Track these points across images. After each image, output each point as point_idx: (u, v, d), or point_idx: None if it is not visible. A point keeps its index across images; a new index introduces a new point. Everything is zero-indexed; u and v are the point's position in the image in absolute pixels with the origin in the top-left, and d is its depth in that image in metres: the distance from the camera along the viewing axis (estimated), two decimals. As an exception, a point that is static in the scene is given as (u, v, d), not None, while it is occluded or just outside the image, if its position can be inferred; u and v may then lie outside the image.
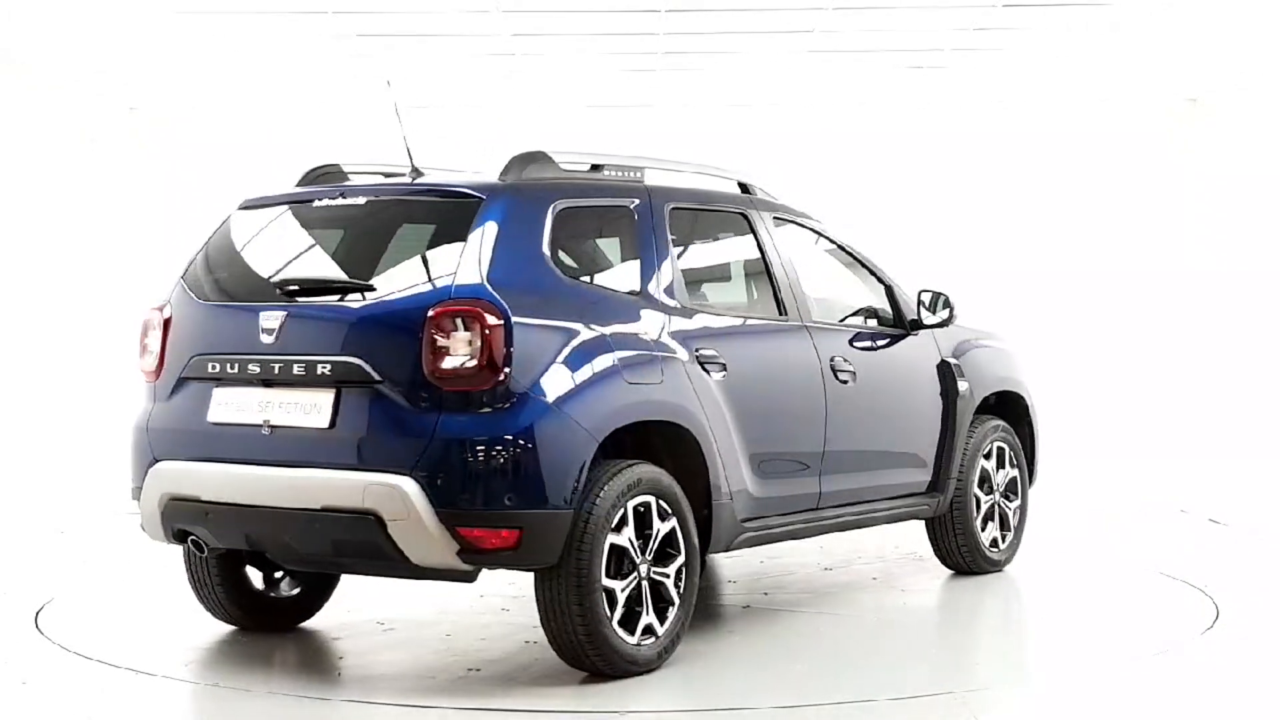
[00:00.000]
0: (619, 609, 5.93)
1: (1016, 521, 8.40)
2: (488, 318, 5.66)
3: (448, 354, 5.65)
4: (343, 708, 5.81)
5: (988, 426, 8.16)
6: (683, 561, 6.18)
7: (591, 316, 6.07)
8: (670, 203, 6.72)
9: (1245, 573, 8.55)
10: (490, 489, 5.62)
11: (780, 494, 6.84)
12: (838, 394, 7.12)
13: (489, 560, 5.74)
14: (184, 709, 6.04)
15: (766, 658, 6.58)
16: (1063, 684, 6.19)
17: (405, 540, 5.66)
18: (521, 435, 5.65)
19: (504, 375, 5.65)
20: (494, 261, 5.83)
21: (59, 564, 8.94)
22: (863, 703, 5.81)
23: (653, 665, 6.08)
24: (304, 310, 6.01)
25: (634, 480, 5.98)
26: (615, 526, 5.91)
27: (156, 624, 7.22)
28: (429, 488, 5.60)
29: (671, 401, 6.22)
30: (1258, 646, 6.83)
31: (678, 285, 6.54)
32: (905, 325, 7.72)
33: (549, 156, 6.34)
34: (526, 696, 5.84)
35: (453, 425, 5.64)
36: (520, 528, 5.65)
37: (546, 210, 6.13)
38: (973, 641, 7.25)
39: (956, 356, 7.98)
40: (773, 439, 6.77)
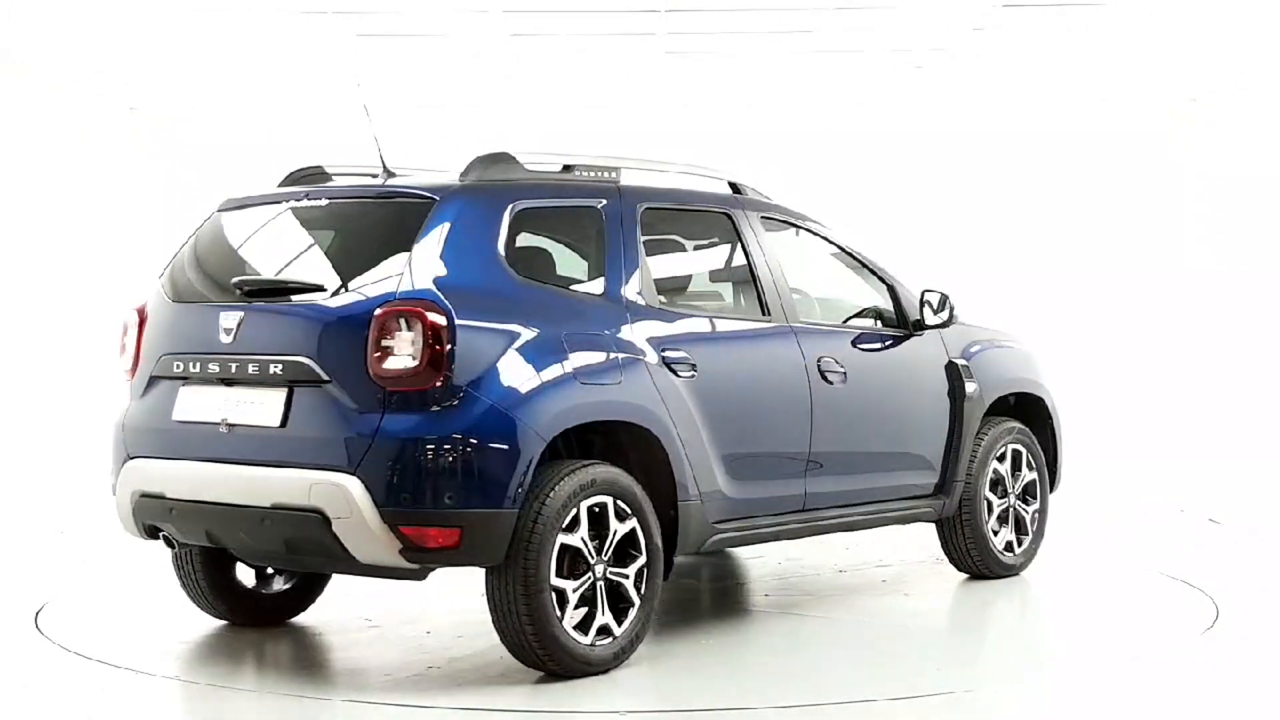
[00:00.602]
0: (570, 609, 5.94)
1: (1035, 526, 8.26)
2: (430, 318, 5.72)
3: (391, 354, 5.72)
4: (343, 708, 5.81)
5: (1001, 428, 8.04)
6: (644, 562, 6.17)
7: (546, 317, 6.08)
8: (644, 203, 6.69)
9: (1245, 573, 8.55)
10: (431, 488, 5.68)
11: (760, 495, 6.81)
12: (825, 395, 7.06)
13: (432, 559, 5.79)
14: (183, 709, 6.04)
15: (737, 659, 6.57)
16: (1063, 684, 6.19)
17: (349, 538, 5.73)
18: (462, 435, 5.71)
19: (446, 375, 5.72)
20: (442, 262, 5.89)
21: (59, 564, 8.94)
22: (863, 703, 5.81)
23: (608, 666, 6.08)
24: (259, 311, 6.11)
25: (587, 481, 5.99)
26: (567, 526, 5.92)
27: (156, 624, 7.21)
28: (372, 487, 5.67)
29: (631, 402, 6.21)
30: (1258, 646, 6.83)
31: (647, 286, 6.52)
32: (908, 326, 7.64)
33: (513, 157, 6.39)
34: (476, 694, 5.87)
35: (395, 425, 5.71)
36: (461, 527, 5.70)
37: (503, 211, 6.16)
38: (973, 641, 7.25)
39: (965, 357, 7.88)
40: (749, 440, 6.73)
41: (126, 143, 14.50)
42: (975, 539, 7.94)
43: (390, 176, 6.48)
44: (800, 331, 7.09)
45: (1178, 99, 14.56)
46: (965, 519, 7.91)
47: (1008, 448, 8.09)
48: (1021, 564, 8.20)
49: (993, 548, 8.01)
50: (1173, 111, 14.68)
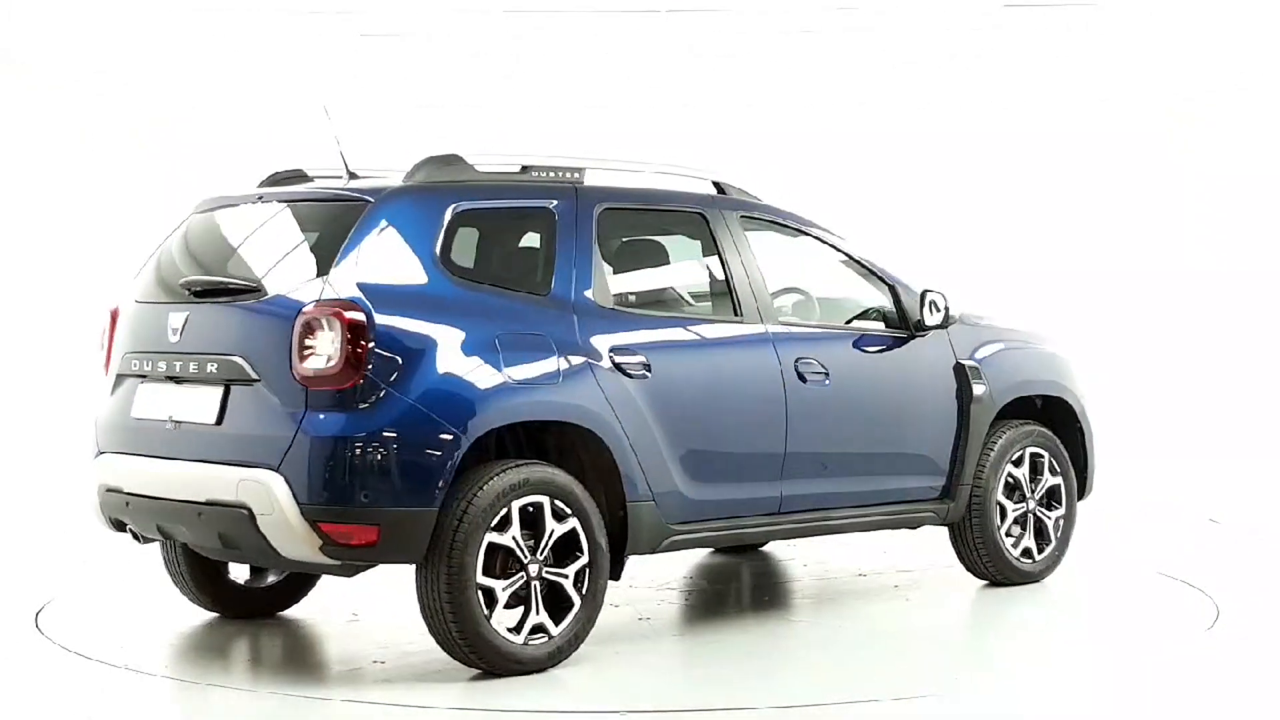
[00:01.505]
0: (500, 607, 5.98)
1: (1059, 532, 8.00)
2: (349, 317, 5.81)
3: (313, 353, 5.82)
4: (342, 708, 5.81)
5: (1018, 431, 7.83)
6: (586, 562, 6.19)
7: (480, 318, 6.12)
8: (602, 203, 6.67)
9: (1245, 573, 8.55)
10: (348, 486, 5.76)
11: (728, 497, 6.78)
12: (803, 397, 6.97)
13: (352, 556, 5.87)
14: (183, 709, 6.05)
15: (737, 658, 6.57)
16: (1063, 684, 6.19)
17: (273, 535, 5.84)
18: (380, 434, 5.78)
19: (364, 375, 5.79)
20: (371, 263, 5.98)
21: (59, 564, 8.94)
22: (863, 703, 5.81)
23: (543, 665, 6.10)
24: (200, 311, 6.29)
25: (519, 480, 6.02)
26: (496, 525, 5.96)
27: (156, 624, 7.21)
28: (293, 484, 5.77)
29: (570, 403, 6.22)
30: (1258, 646, 6.83)
31: (599, 286, 6.51)
32: (909, 327, 7.49)
33: (461, 158, 6.46)
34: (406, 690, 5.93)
35: (315, 423, 5.80)
36: (379, 525, 5.78)
37: (441, 212, 6.22)
38: (973, 642, 7.26)
39: (976, 358, 7.70)
40: (712, 441, 6.71)
41: (126, 142, 14.49)
42: (987, 545, 7.74)
43: (353, 179, 6.54)
44: (777, 332, 7.01)
45: (1177, 99, 14.56)
46: (975, 524, 7.71)
47: (1025, 451, 7.87)
48: (1042, 572, 7.96)
49: (1007, 554, 7.80)
50: (1172, 111, 14.68)
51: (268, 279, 6.14)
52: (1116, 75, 13.81)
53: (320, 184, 6.63)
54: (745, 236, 7.10)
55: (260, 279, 6.17)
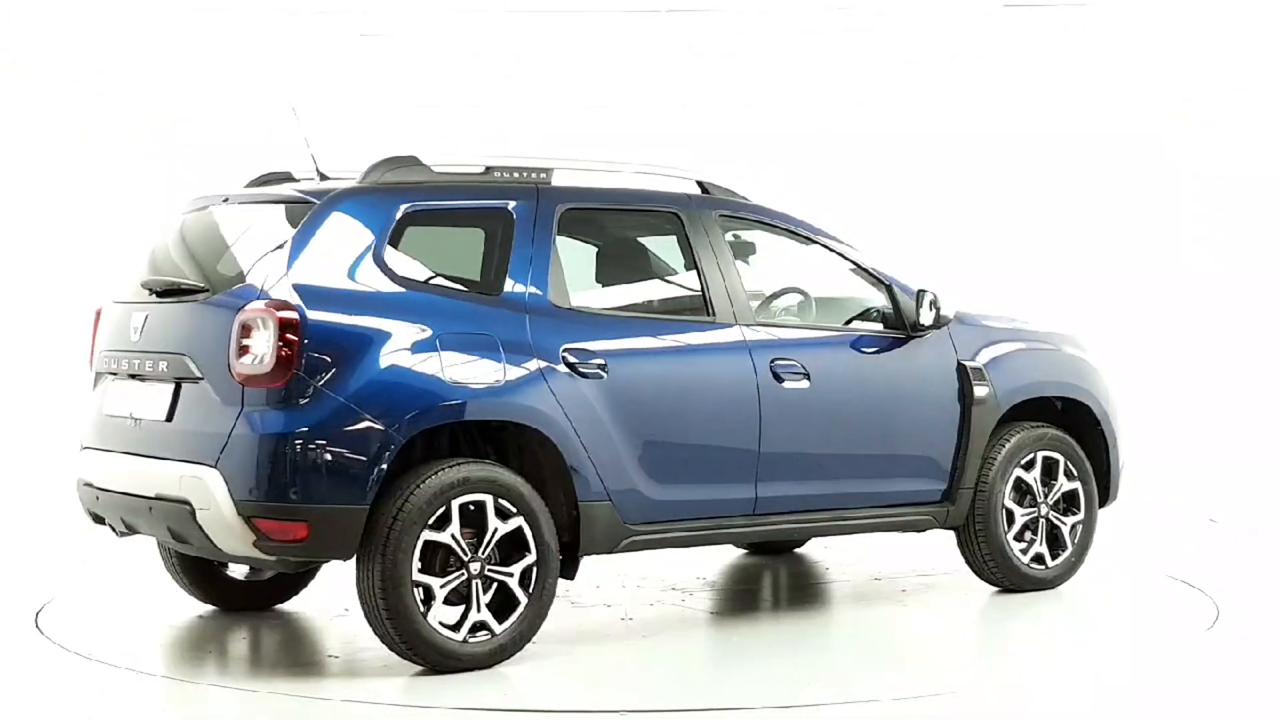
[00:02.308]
0: (436, 604, 6.04)
1: (1077, 539, 7.78)
2: (281, 317, 5.92)
3: (248, 352, 5.95)
4: (342, 708, 5.81)
5: (1030, 434, 7.64)
6: (533, 561, 6.22)
7: (422, 318, 6.17)
8: (564, 204, 6.69)
9: (1245, 573, 8.55)
10: (278, 484, 5.89)
11: (695, 498, 6.77)
12: (779, 398, 6.91)
13: (285, 551, 6.00)
14: (183, 709, 6.05)
15: (736, 658, 6.57)
16: (1063, 684, 6.19)
17: (212, 529, 6.00)
18: (309, 433, 5.89)
19: (295, 374, 5.90)
20: (311, 264, 6.09)
21: (59, 564, 8.94)
22: (863, 703, 5.81)
23: (484, 663, 6.14)
24: (157, 310, 6.48)
25: (458, 479, 6.07)
26: (435, 523, 6.02)
27: (157, 624, 7.21)
28: (229, 480, 5.91)
29: (513, 402, 6.26)
30: (1258, 646, 6.83)
31: (555, 286, 6.52)
32: (906, 327, 7.39)
33: (418, 160, 6.53)
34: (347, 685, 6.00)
35: (250, 421, 5.93)
36: (308, 521, 5.89)
37: (387, 214, 6.30)
38: (972, 642, 7.25)
39: (980, 359, 7.55)
40: (675, 441, 6.70)
41: (126, 142, 14.48)
42: (992, 550, 7.55)
43: (324, 179, 6.63)
44: (750, 332, 6.97)
45: (1175, 99, 14.55)
46: (980, 529, 7.54)
47: (1037, 455, 7.67)
48: (1055, 579, 7.75)
49: (1015, 560, 7.60)
50: (1170, 111, 14.66)
51: (214, 280, 6.32)
52: (1115, 75, 13.80)
53: (292, 186, 6.67)
54: (724, 236, 7.07)
55: (207, 279, 6.35)
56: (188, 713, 6.01)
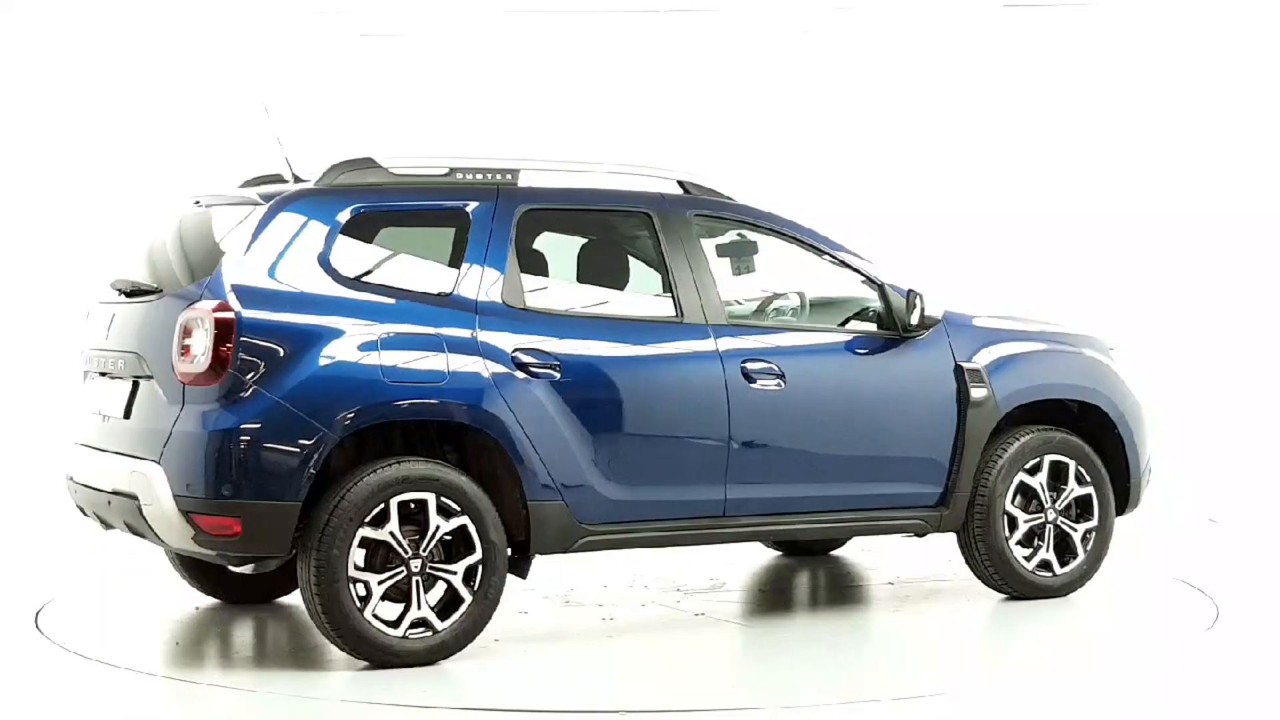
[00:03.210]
0: (374, 601, 6.13)
1: (1089, 546, 7.59)
2: (217, 317, 6.06)
3: (189, 352, 6.11)
4: (343, 708, 5.81)
5: (1036, 438, 7.47)
6: (478, 559, 6.28)
7: (364, 319, 6.26)
8: (525, 204, 6.72)
9: (1245, 573, 8.55)
10: (212, 480, 6.02)
11: (657, 498, 6.75)
12: (749, 398, 6.86)
13: (221, 546, 6.13)
14: (183, 709, 6.04)
15: (737, 657, 6.56)
16: (1063, 684, 6.19)
17: (155, 524, 6.17)
18: (241, 430, 6.01)
19: (229, 373, 6.03)
20: (252, 265, 6.22)
21: (59, 564, 8.94)
22: (863, 703, 5.81)
23: (423, 659, 6.21)
24: (122, 310, 6.70)
25: (396, 477, 6.15)
26: (372, 521, 6.11)
27: (157, 624, 7.22)
28: (170, 476, 6.07)
29: (454, 402, 6.32)
30: (1258, 646, 6.83)
31: (510, 287, 6.56)
32: (898, 328, 7.24)
33: (375, 161, 6.61)
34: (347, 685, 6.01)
35: (188, 418, 6.10)
36: (240, 518, 6.02)
37: (333, 216, 6.39)
38: (972, 641, 7.25)
39: (978, 360, 7.40)
40: (634, 442, 6.70)
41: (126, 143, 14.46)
42: (992, 556, 7.41)
43: (297, 180, 6.71)
44: (722, 332, 6.92)
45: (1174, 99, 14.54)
46: (979, 534, 7.40)
47: (1044, 459, 7.50)
48: (1065, 587, 7.56)
49: (1017, 566, 7.44)
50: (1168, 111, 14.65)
51: (168, 280, 6.48)
52: (1114, 76, 13.79)
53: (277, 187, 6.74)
54: (698, 236, 7.02)
55: (161, 280, 6.52)
56: (188, 713, 6.01)
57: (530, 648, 6.69)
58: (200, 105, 14.36)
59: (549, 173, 6.89)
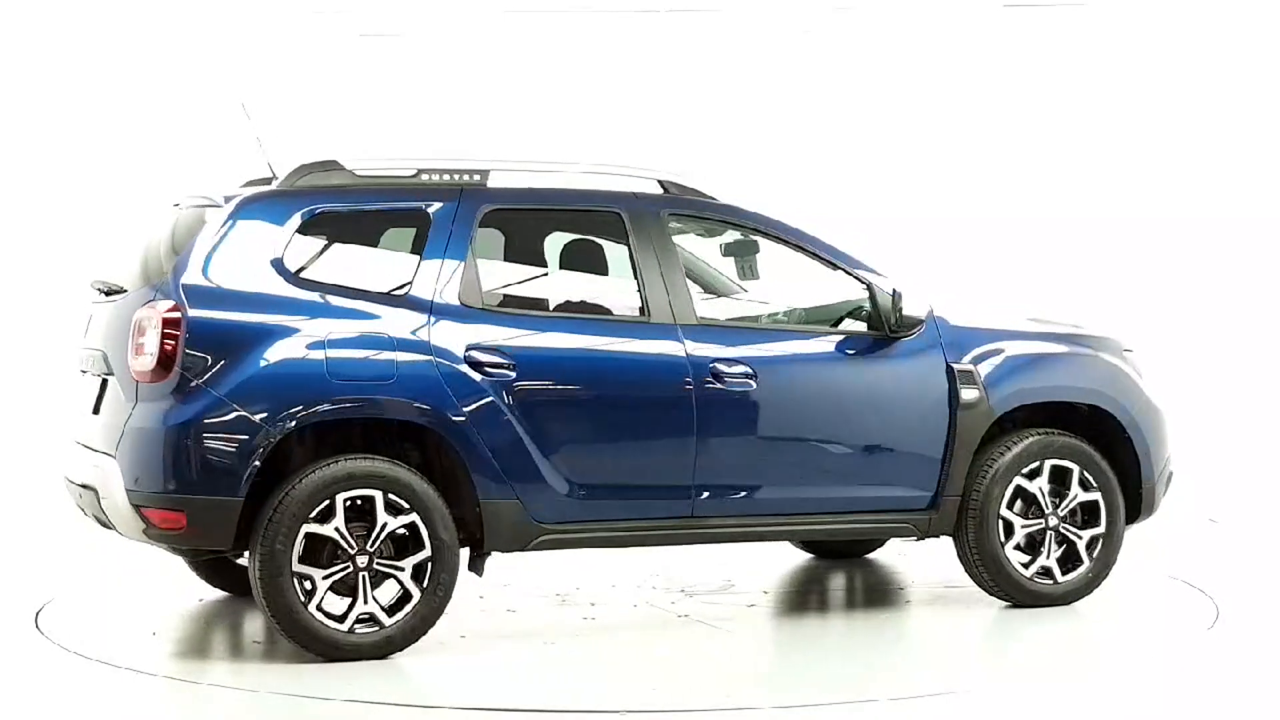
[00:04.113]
0: (318, 596, 6.25)
1: (1095, 552, 7.40)
2: (165, 317, 6.23)
3: (141, 350, 6.29)
4: (345, 708, 5.81)
5: (1037, 441, 7.29)
6: (427, 556, 6.35)
7: (311, 318, 6.37)
8: (488, 205, 6.76)
9: (1245, 573, 8.55)
10: (158, 474, 6.21)
11: (619, 499, 6.76)
12: (718, 399, 6.81)
13: (169, 540, 6.39)
14: (183, 709, 6.04)
15: (736, 657, 6.56)
16: (1063, 684, 6.19)
17: (112, 516, 6.40)
18: (185, 427, 6.18)
19: (175, 371, 6.20)
20: (204, 266, 6.36)
21: (59, 564, 8.94)
22: (863, 703, 5.81)
23: (369, 654, 6.31)
24: (99, 309, 6.91)
25: (341, 474, 6.26)
26: (318, 517, 6.23)
27: (157, 624, 7.21)
28: (124, 470, 6.27)
29: (401, 400, 6.39)
30: (1258, 646, 6.83)
31: (468, 287, 6.60)
32: (885, 328, 7.11)
33: (339, 164, 6.70)
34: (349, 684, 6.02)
35: (139, 415, 6.28)
36: (185, 512, 6.19)
37: (286, 217, 6.50)
38: (972, 641, 7.24)
39: (971, 361, 7.25)
40: (594, 442, 6.72)
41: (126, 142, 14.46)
42: (987, 561, 7.26)
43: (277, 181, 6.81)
44: (691, 332, 6.87)
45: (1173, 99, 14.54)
46: (973, 539, 7.25)
47: (1044, 463, 7.32)
48: (1067, 594, 7.39)
49: (1013, 573, 7.28)
50: (1168, 111, 14.65)
51: (131, 281, 6.64)
52: (1114, 76, 13.79)
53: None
54: (671, 236, 7.01)
55: (128, 280, 6.67)
56: (188, 713, 6.01)
57: (560, 647, 6.72)
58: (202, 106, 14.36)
59: (521, 173, 6.92)
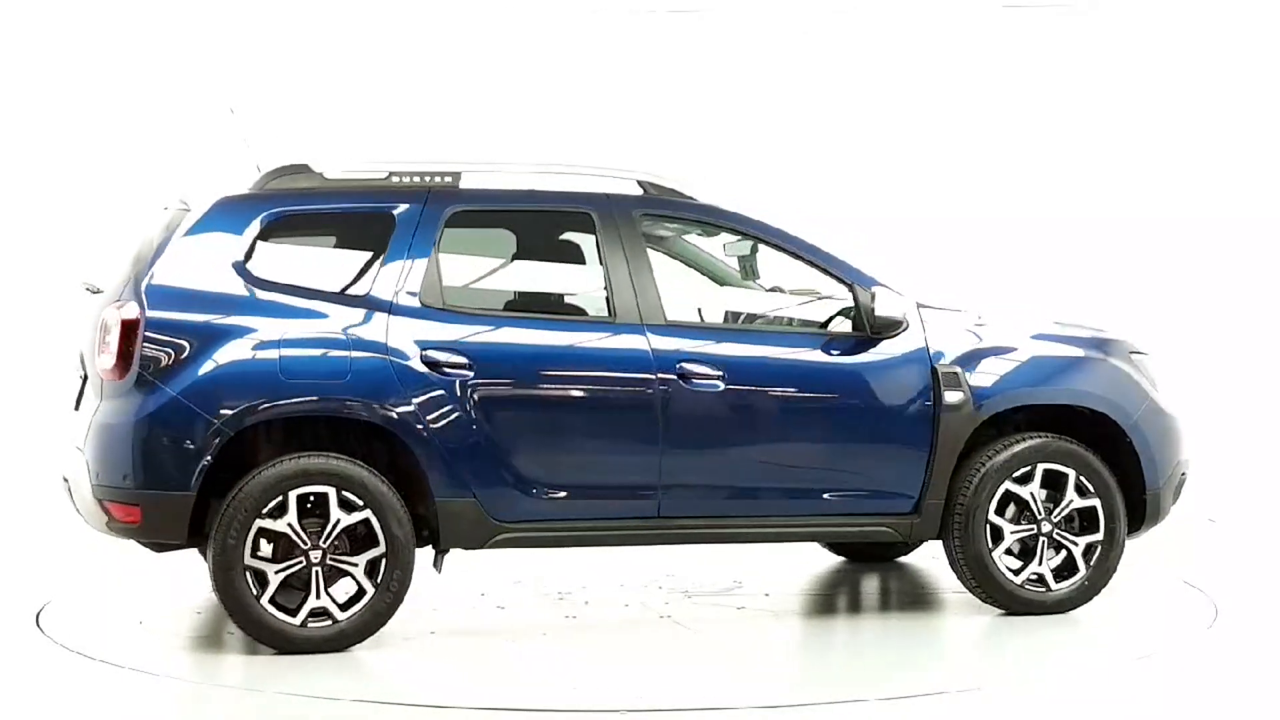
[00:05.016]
0: (270, 589, 6.38)
1: (1093, 560, 7.24)
2: (124, 317, 6.44)
3: (106, 349, 6.50)
4: (349, 708, 5.81)
5: (1028, 445, 7.13)
6: (381, 552, 6.47)
7: (267, 319, 6.51)
8: (454, 206, 6.83)
9: (1245, 573, 8.56)
10: (116, 469, 6.43)
11: (581, 498, 6.77)
12: (684, 399, 6.78)
13: (128, 533, 6.56)
14: (184, 709, 6.05)
15: (738, 657, 6.56)
16: (1062, 684, 6.19)
17: (81, 508, 6.70)
18: (139, 423, 6.38)
19: (133, 369, 6.39)
20: (172, 267, 6.56)
21: (59, 564, 8.94)
22: (863, 703, 5.81)
23: (322, 648, 6.44)
24: (83, 309, 7.00)
25: (295, 470, 6.40)
26: (270, 512, 6.38)
27: (157, 624, 7.22)
28: (89, 465, 6.50)
29: (354, 399, 6.50)
30: (1258, 646, 6.83)
31: (429, 288, 6.68)
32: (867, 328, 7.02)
33: (309, 167, 6.85)
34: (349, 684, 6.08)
35: (102, 411, 6.50)
36: (139, 506, 6.40)
37: (248, 220, 6.67)
38: (972, 641, 7.24)
39: (956, 362, 7.11)
40: (554, 441, 6.75)
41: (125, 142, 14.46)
42: (973, 568, 7.12)
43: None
44: (657, 332, 6.85)
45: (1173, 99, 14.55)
46: (959, 545, 7.11)
47: (1037, 467, 7.16)
48: (1060, 603, 7.23)
49: (1000, 579, 7.14)
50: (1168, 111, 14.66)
51: (108, 281, 6.82)
52: (1113, 76, 13.79)
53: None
54: (642, 236, 6.98)
55: (107, 282, 6.83)
56: (189, 712, 6.02)
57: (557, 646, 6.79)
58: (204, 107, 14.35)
59: (492, 174, 6.97)
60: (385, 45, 12.69)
